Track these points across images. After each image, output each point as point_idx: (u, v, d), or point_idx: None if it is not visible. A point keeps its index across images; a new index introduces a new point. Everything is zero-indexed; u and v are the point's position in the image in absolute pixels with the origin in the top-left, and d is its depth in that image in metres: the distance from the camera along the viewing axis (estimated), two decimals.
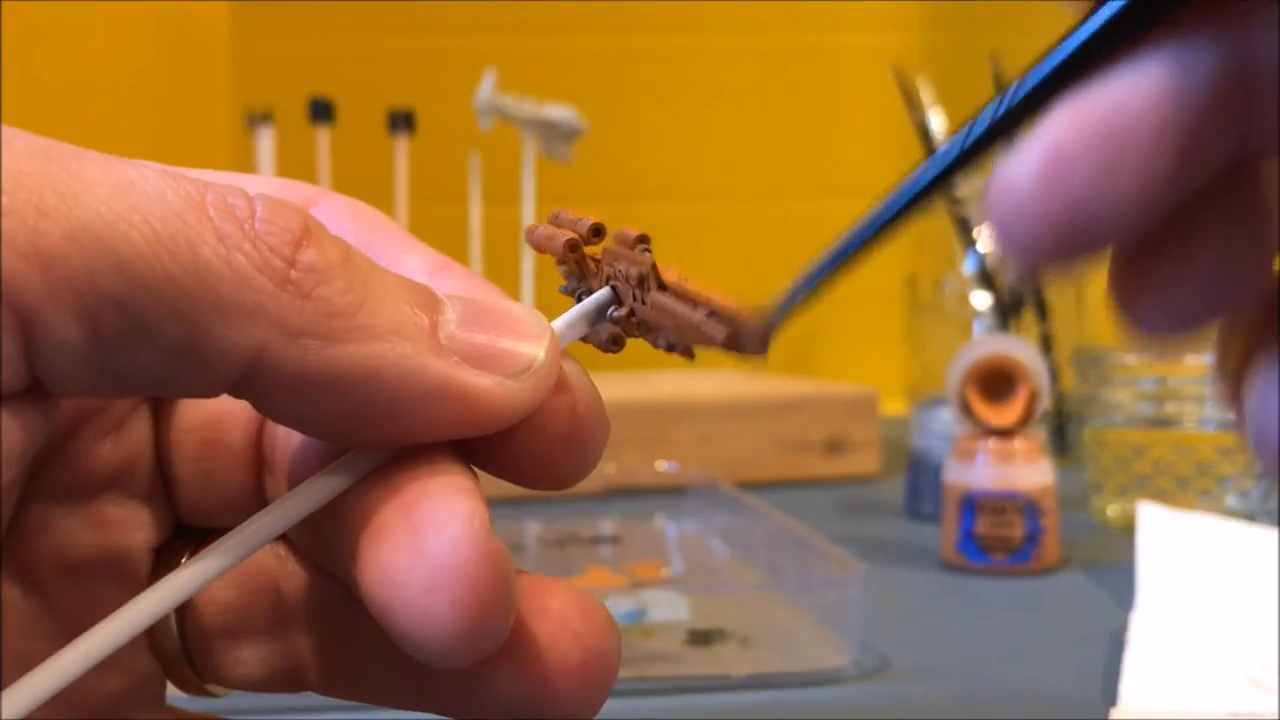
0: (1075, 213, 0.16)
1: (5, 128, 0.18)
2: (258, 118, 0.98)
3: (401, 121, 1.00)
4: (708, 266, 1.31)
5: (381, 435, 0.20)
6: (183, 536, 0.25)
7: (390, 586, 0.19)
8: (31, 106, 0.93)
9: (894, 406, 1.06)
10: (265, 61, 1.26)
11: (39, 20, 0.94)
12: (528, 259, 1.00)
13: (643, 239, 0.23)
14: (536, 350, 0.21)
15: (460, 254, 1.00)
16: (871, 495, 0.88)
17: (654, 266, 0.22)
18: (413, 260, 0.23)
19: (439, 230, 1.05)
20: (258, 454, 0.24)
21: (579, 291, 0.24)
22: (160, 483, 0.24)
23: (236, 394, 0.19)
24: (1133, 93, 0.16)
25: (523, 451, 0.21)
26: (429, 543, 0.19)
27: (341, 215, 0.24)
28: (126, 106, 1.10)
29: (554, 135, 0.97)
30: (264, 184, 0.23)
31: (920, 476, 0.80)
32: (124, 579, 0.23)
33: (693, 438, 0.88)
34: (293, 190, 0.24)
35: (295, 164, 0.99)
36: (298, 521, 0.21)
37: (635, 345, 0.25)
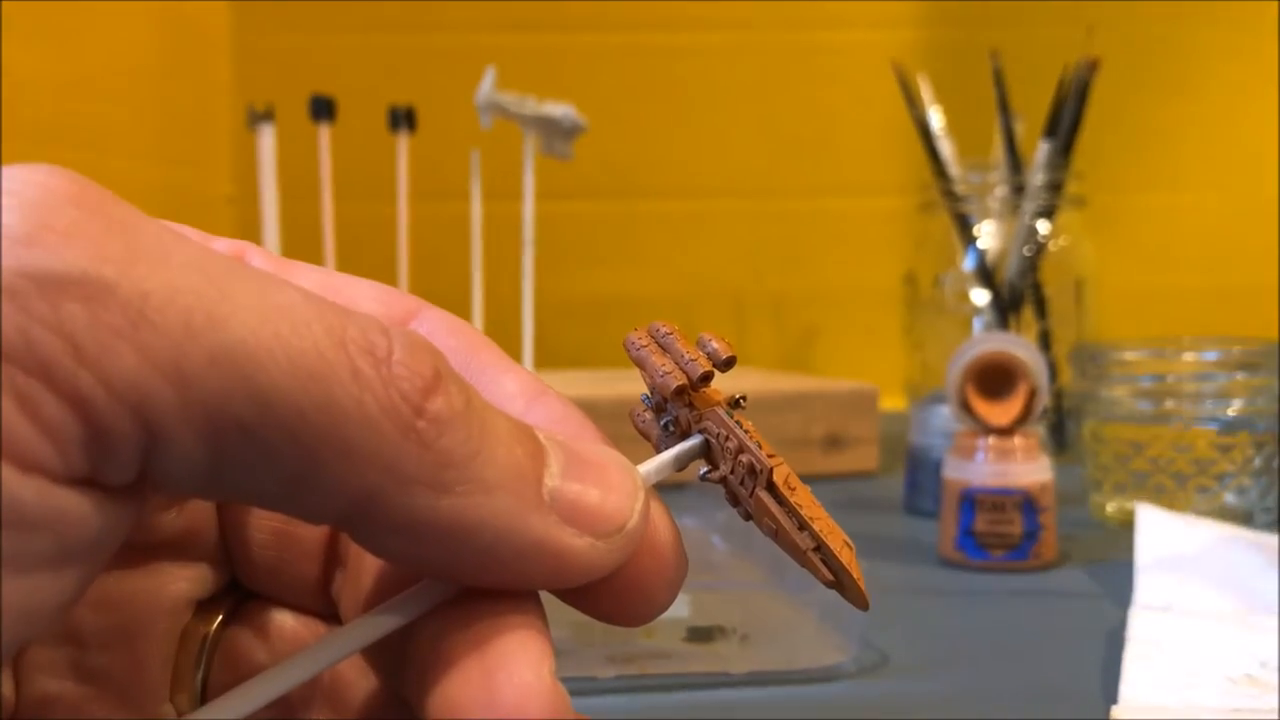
0: None
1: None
2: (259, 115, 0.98)
3: (402, 119, 1.00)
4: (707, 264, 1.31)
5: (472, 580, 0.20)
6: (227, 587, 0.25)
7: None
8: (32, 106, 0.93)
9: (893, 403, 1.07)
10: (266, 59, 1.26)
11: (39, 19, 0.94)
12: (528, 256, 1.00)
13: (735, 400, 0.23)
14: (630, 513, 0.21)
15: (462, 251, 1.00)
16: (871, 491, 0.88)
17: (772, 471, 0.22)
18: (510, 383, 0.23)
19: (440, 227, 1.06)
20: (330, 551, 0.24)
21: (665, 421, 0.24)
22: (220, 549, 0.25)
23: (337, 527, 0.20)
24: None
25: (599, 593, 0.21)
26: (499, 684, 0.19)
27: (442, 332, 0.24)
28: (128, 104, 1.10)
29: (554, 132, 0.97)
30: (367, 292, 0.24)
31: (919, 473, 0.80)
32: (159, 621, 0.24)
33: None
34: (395, 302, 0.24)
35: (297, 161, 0.99)
36: (374, 642, 0.21)
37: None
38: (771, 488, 0.22)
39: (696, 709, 0.47)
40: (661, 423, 0.24)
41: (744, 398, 0.24)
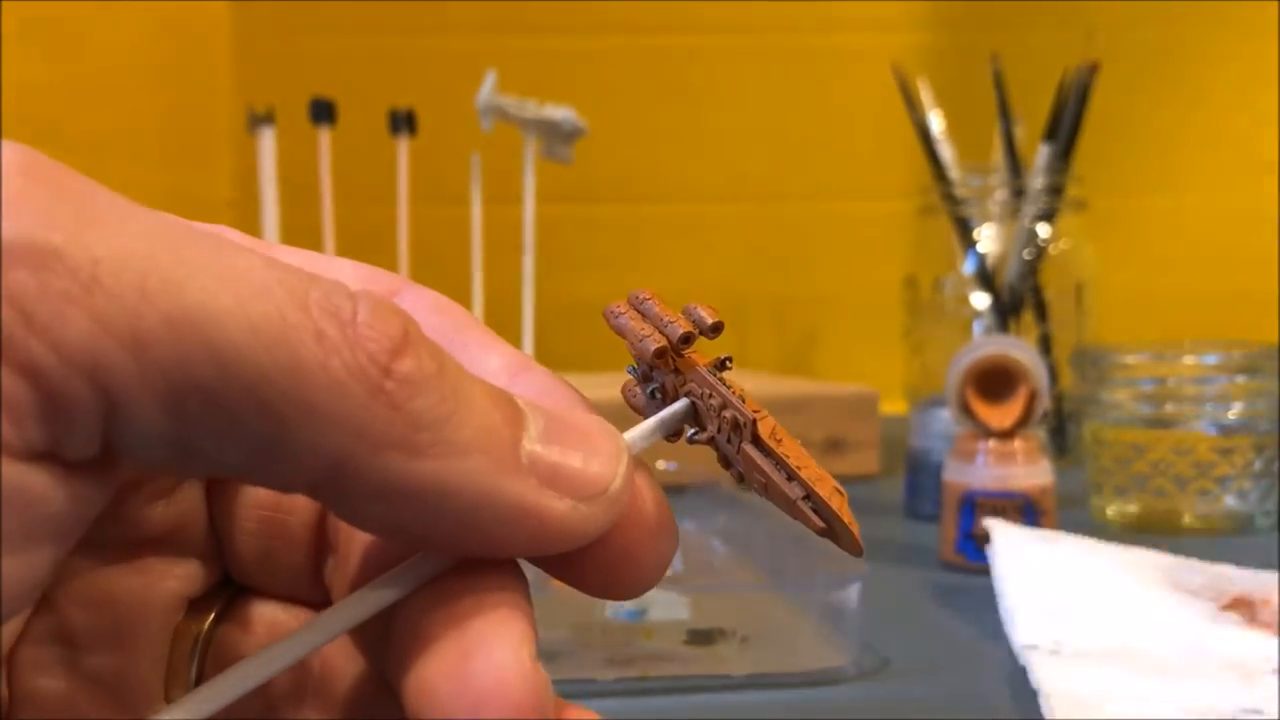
0: None
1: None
2: (259, 118, 0.98)
3: (402, 122, 1.00)
4: (708, 268, 1.31)
5: (452, 548, 0.20)
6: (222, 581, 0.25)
7: (431, 704, 0.19)
8: (32, 106, 0.93)
9: (894, 406, 1.07)
10: (267, 62, 1.26)
11: (40, 22, 0.94)
12: (528, 260, 1.00)
13: (720, 361, 0.23)
14: (613, 475, 0.20)
15: (462, 254, 1.00)
16: (871, 495, 0.88)
17: (755, 423, 0.22)
18: (493, 359, 0.23)
19: (440, 231, 1.06)
20: (319, 537, 0.24)
21: (651, 389, 0.23)
22: (211, 543, 0.24)
23: (311, 495, 0.19)
24: None
25: (585, 563, 0.21)
26: (476, 667, 0.19)
27: (425, 309, 0.23)
28: (128, 106, 1.10)
29: (555, 136, 0.97)
30: (348, 270, 0.23)
31: (920, 476, 0.80)
32: (151, 620, 0.24)
33: None
34: (376, 280, 0.24)
35: (297, 164, 0.99)
36: (360, 623, 0.20)
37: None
38: (757, 440, 0.22)
39: (696, 711, 0.47)
40: (648, 391, 0.24)
41: (729, 358, 0.23)
